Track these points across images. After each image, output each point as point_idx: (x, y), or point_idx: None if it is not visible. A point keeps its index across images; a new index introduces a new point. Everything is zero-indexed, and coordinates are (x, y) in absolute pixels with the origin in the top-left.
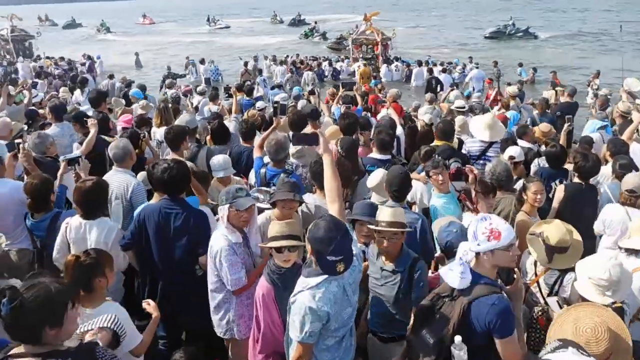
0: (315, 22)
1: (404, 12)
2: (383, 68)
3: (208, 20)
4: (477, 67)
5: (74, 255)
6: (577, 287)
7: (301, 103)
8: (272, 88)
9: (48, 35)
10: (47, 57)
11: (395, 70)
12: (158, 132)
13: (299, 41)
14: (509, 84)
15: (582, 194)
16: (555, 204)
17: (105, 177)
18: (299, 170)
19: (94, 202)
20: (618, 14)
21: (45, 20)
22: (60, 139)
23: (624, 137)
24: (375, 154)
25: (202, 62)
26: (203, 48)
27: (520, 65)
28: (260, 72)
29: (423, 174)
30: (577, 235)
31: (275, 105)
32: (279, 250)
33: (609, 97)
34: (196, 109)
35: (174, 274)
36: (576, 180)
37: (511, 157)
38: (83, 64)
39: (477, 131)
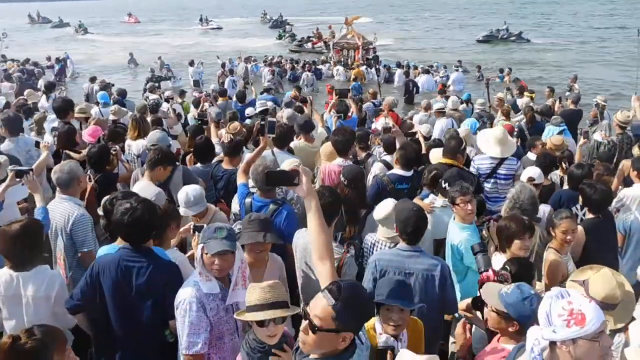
0: (289, 24)
1: (395, 15)
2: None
3: (201, 20)
4: (456, 70)
5: (11, 336)
6: (629, 356)
7: (287, 113)
8: (262, 92)
9: (23, 35)
10: (12, 60)
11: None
12: (134, 145)
13: (276, 43)
14: (508, 89)
15: (600, 228)
16: (577, 247)
17: (49, 206)
18: (290, 194)
19: (24, 250)
20: (615, 18)
21: (38, 17)
22: (15, 155)
23: None
24: (399, 170)
25: (192, 64)
26: (190, 50)
27: (501, 71)
28: (231, 72)
29: (427, 201)
30: (629, 288)
31: (263, 122)
32: (261, 323)
33: (604, 103)
34: (179, 116)
35: (136, 341)
36: (589, 215)
37: (530, 179)
38: (50, 67)
39: (487, 147)
